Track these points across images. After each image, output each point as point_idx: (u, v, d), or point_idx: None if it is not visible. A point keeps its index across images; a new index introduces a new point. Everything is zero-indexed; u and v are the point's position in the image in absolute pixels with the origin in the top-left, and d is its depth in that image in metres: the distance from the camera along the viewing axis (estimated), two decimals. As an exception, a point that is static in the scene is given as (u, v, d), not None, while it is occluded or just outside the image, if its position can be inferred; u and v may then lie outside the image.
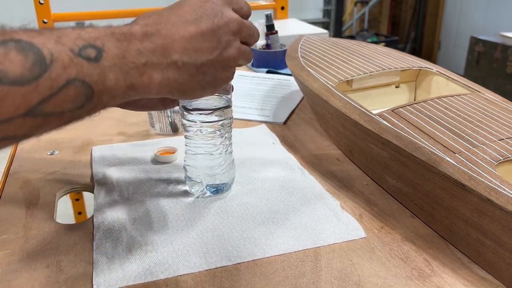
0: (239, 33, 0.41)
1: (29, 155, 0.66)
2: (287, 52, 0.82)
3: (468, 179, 0.41)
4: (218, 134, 0.51)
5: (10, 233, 0.48)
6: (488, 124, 0.50)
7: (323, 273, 0.42)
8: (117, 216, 0.50)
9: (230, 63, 0.41)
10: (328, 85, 0.64)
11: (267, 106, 0.84)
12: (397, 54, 0.78)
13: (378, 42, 3.63)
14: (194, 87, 0.40)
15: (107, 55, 0.34)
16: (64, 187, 0.57)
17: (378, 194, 0.55)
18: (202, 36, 0.39)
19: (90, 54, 0.33)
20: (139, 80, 0.36)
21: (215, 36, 0.39)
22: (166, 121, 0.72)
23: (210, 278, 0.42)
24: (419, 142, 0.48)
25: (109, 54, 0.34)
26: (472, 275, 0.42)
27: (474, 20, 3.66)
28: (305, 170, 0.60)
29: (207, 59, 0.39)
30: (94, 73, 0.33)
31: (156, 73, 0.37)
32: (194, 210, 0.52)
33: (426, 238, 0.47)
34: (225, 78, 0.42)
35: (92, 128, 0.75)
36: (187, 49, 0.38)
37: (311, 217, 0.50)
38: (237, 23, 0.41)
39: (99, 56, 0.33)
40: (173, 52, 0.37)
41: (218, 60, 0.40)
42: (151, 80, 0.37)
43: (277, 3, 1.52)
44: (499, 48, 2.50)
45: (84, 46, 0.33)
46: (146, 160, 0.63)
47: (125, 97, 0.37)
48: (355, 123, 0.55)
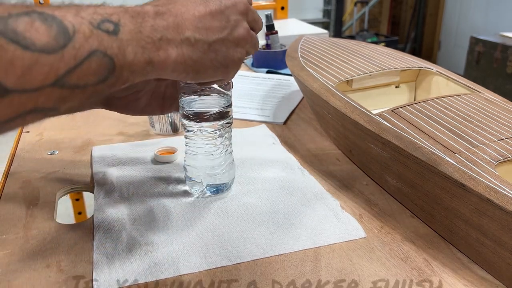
0: (246, 14, 0.43)
1: (29, 155, 0.66)
2: (287, 52, 0.82)
3: (468, 179, 0.41)
4: (218, 134, 0.51)
5: (10, 233, 0.48)
6: (488, 124, 0.50)
7: (323, 273, 0.42)
8: (117, 216, 0.50)
9: (240, 42, 0.42)
10: (328, 85, 0.64)
11: (267, 106, 0.84)
12: (397, 54, 0.78)
13: (378, 42, 3.63)
14: (208, 66, 0.41)
15: (124, 30, 0.35)
16: (64, 187, 0.57)
17: (378, 194, 0.55)
18: (211, 16, 0.40)
19: (109, 28, 0.34)
20: (156, 54, 0.37)
21: (224, 15, 0.41)
22: (166, 121, 0.72)
23: (210, 278, 0.42)
24: (419, 142, 0.48)
25: (126, 29, 0.35)
26: (472, 275, 0.42)
27: (474, 20, 3.66)
28: (305, 170, 0.60)
29: (218, 37, 0.40)
30: (114, 46, 0.34)
31: (172, 49, 0.38)
32: (194, 210, 0.52)
33: (426, 238, 0.47)
34: (236, 59, 0.43)
35: (92, 128, 0.75)
36: (198, 27, 0.39)
37: (311, 217, 0.50)
38: (244, 4, 0.42)
39: (117, 30, 0.34)
40: (185, 29, 0.39)
41: (228, 39, 0.41)
42: (167, 55, 0.38)
43: (277, 3, 1.52)
44: (499, 48, 2.50)
45: (102, 20, 0.34)
46: (146, 160, 0.63)
47: (143, 73, 0.37)
48: (355, 123, 0.55)
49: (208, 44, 0.40)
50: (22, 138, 0.72)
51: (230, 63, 0.43)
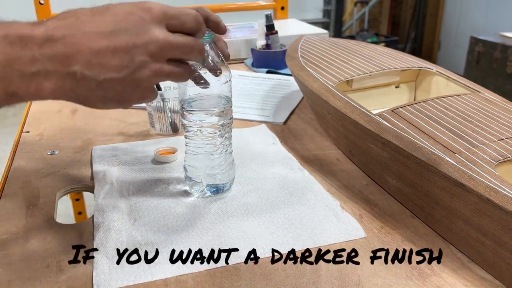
0: (159, 55, 0.38)
1: (29, 155, 0.66)
2: (287, 52, 0.82)
3: (468, 179, 0.41)
4: (218, 134, 0.51)
5: (10, 233, 0.48)
6: (488, 124, 0.50)
7: (323, 273, 0.42)
8: (117, 216, 0.50)
9: (142, 84, 0.38)
10: (328, 85, 0.64)
11: (267, 106, 0.84)
12: (397, 54, 0.78)
13: (378, 42, 3.63)
14: (94, 101, 0.38)
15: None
16: (64, 187, 0.57)
17: (378, 194, 0.55)
18: (112, 52, 0.36)
19: None
20: (24, 88, 0.35)
21: (129, 54, 0.37)
22: (166, 121, 0.72)
23: (210, 278, 0.42)
24: (419, 142, 0.48)
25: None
26: (472, 275, 0.42)
27: (474, 20, 3.66)
28: (305, 170, 0.60)
29: (112, 76, 0.37)
30: None
31: (49, 82, 0.35)
32: (194, 210, 0.52)
33: (426, 238, 0.47)
34: (136, 98, 0.39)
35: (92, 128, 0.75)
36: (91, 63, 0.36)
37: (311, 217, 0.50)
38: (158, 45, 0.37)
39: None
40: (75, 62, 0.35)
41: (126, 79, 0.37)
42: (40, 88, 0.35)
43: (277, 3, 1.52)
44: (499, 48, 2.50)
45: None
46: (146, 160, 0.63)
47: (8, 103, 0.36)
48: (355, 123, 0.55)
49: (97, 82, 0.36)
50: (22, 138, 0.72)
51: (127, 101, 0.39)
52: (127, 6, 0.38)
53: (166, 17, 0.38)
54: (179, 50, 0.39)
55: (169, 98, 0.70)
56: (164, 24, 0.38)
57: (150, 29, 0.37)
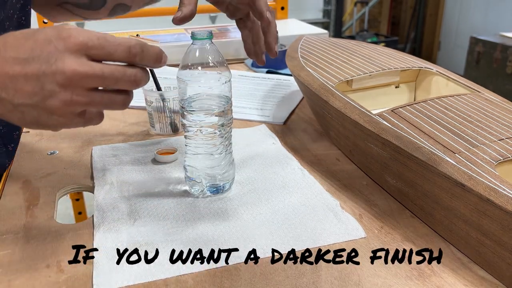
0: (70, 85, 0.38)
1: (29, 155, 0.66)
2: (287, 52, 0.82)
3: (468, 179, 0.41)
4: (218, 134, 0.51)
5: (10, 233, 0.48)
6: (488, 124, 0.50)
7: (323, 273, 0.42)
8: (117, 216, 0.50)
9: (55, 112, 0.39)
10: (328, 85, 0.64)
11: (267, 106, 0.84)
12: (397, 54, 0.78)
13: (378, 42, 3.63)
14: (16, 121, 0.40)
15: None
16: (64, 187, 0.57)
17: (378, 194, 0.55)
18: (25, 79, 0.37)
19: None
20: None
21: (39, 82, 0.37)
22: (166, 121, 0.72)
23: (210, 278, 0.42)
24: (419, 142, 0.48)
25: None
26: (472, 275, 0.42)
27: (474, 20, 3.66)
28: (305, 170, 0.60)
29: (25, 102, 0.38)
30: None
31: None
32: (194, 210, 0.52)
33: (426, 238, 0.47)
34: (53, 125, 0.40)
35: (92, 128, 0.75)
36: (7, 86, 0.37)
37: (311, 217, 0.50)
38: (66, 76, 0.37)
39: None
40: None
41: (39, 106, 0.38)
42: None
43: (277, 3, 1.52)
44: (499, 48, 2.50)
45: None
46: (146, 160, 0.63)
47: None
48: (355, 123, 0.55)
49: (13, 105, 0.38)
50: (22, 138, 0.72)
51: (46, 125, 0.40)
52: (49, 33, 0.38)
53: (86, 47, 0.38)
54: (98, 80, 0.39)
55: (169, 98, 0.70)
56: (83, 54, 0.38)
57: (60, 59, 0.37)
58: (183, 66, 0.49)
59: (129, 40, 0.40)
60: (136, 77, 0.40)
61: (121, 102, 0.42)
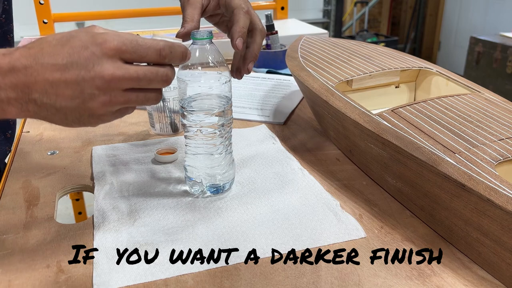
0: (108, 88, 0.40)
1: (29, 155, 0.66)
2: (287, 52, 0.82)
3: (468, 179, 0.41)
4: (218, 134, 0.51)
5: (10, 233, 0.48)
6: (488, 124, 0.50)
7: (323, 273, 0.42)
8: (117, 216, 0.50)
9: (95, 112, 0.41)
10: (328, 85, 0.64)
11: (267, 106, 0.84)
12: (397, 54, 0.78)
13: (378, 42, 3.63)
14: (59, 123, 0.42)
15: None
16: (64, 187, 0.57)
17: (378, 194, 0.55)
18: (65, 84, 0.39)
19: None
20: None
21: (79, 86, 0.39)
22: (166, 121, 0.72)
23: (210, 278, 0.42)
24: (419, 142, 0.48)
25: None
26: (472, 275, 0.42)
27: (474, 20, 3.66)
28: (305, 170, 0.60)
29: (67, 105, 0.40)
30: None
31: (12, 107, 0.39)
32: (194, 210, 0.52)
33: (426, 238, 0.47)
34: (94, 123, 0.43)
35: (92, 128, 0.75)
36: (47, 92, 0.39)
37: (311, 217, 0.50)
38: (104, 80, 0.40)
39: None
40: (34, 91, 0.39)
41: (80, 108, 0.40)
42: (6, 112, 0.39)
43: (277, 3, 1.52)
44: (498, 48, 2.50)
45: None
46: (146, 160, 0.63)
47: None
48: (355, 123, 0.55)
49: (56, 108, 0.40)
50: (22, 138, 0.72)
51: (87, 123, 0.43)
52: (84, 39, 0.40)
53: (120, 51, 0.40)
54: (134, 82, 0.41)
55: (169, 98, 0.70)
56: (118, 58, 0.40)
57: (98, 64, 0.40)
58: (183, 66, 0.49)
59: (158, 42, 0.42)
60: (167, 76, 0.43)
61: (154, 98, 0.44)
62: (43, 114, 0.40)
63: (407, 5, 4.19)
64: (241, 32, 0.52)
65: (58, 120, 0.42)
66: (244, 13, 0.54)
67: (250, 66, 0.55)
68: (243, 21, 0.53)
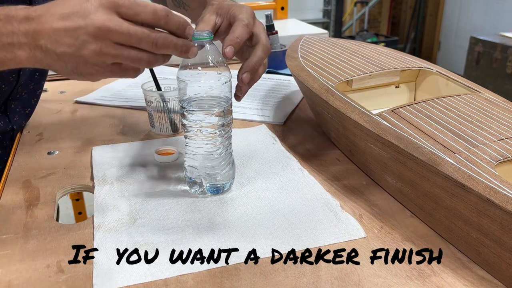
0: (99, 36, 0.43)
1: (29, 155, 0.66)
2: (287, 52, 0.82)
3: (468, 179, 0.41)
4: (218, 134, 0.51)
5: (10, 233, 0.48)
6: (488, 124, 0.50)
7: (323, 273, 0.42)
8: (117, 216, 0.50)
9: (89, 60, 0.44)
10: (328, 85, 0.64)
11: (267, 106, 0.84)
12: (397, 54, 0.79)
13: (378, 42, 3.63)
14: (60, 71, 0.46)
15: None
16: (64, 187, 0.57)
17: (378, 194, 0.55)
18: (64, 31, 0.43)
19: None
20: (2, 55, 0.44)
21: (75, 33, 0.43)
22: (166, 121, 0.72)
23: (210, 278, 0.42)
24: (419, 142, 0.48)
25: None
26: (472, 275, 0.42)
27: (474, 20, 3.66)
28: (305, 170, 0.60)
29: (65, 51, 0.44)
30: None
31: (23, 51, 0.44)
32: (194, 210, 0.52)
33: (426, 238, 0.47)
34: (89, 73, 0.46)
35: (92, 128, 0.75)
36: (51, 38, 0.44)
37: (311, 217, 0.50)
38: (95, 27, 0.43)
39: None
40: (41, 37, 0.44)
41: (75, 55, 0.44)
42: (15, 56, 0.44)
43: (277, 3, 1.52)
44: (498, 48, 2.50)
45: None
46: (146, 160, 0.63)
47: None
48: (355, 123, 0.55)
49: (56, 54, 0.44)
50: (22, 138, 0.72)
51: (83, 73, 0.46)
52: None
53: (117, 5, 0.44)
54: (124, 37, 0.44)
55: (169, 98, 0.70)
56: (114, 11, 0.44)
57: (94, 13, 0.43)
58: (183, 66, 0.49)
59: (156, 5, 0.45)
60: (158, 40, 0.45)
61: (146, 59, 0.46)
62: (47, 61, 0.45)
63: (407, 5, 4.19)
64: (233, 41, 0.51)
65: (60, 68, 0.46)
66: (243, 25, 0.53)
67: (244, 77, 0.54)
68: (239, 32, 0.52)
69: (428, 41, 4.14)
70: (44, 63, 0.45)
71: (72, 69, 0.46)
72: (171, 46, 0.46)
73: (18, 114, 0.76)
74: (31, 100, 0.79)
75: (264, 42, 0.55)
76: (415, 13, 4.01)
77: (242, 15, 0.54)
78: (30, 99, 0.79)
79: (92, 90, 0.93)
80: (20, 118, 0.76)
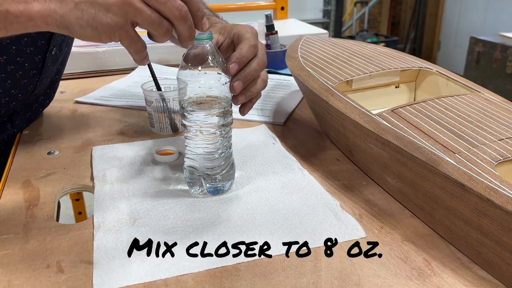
0: None
1: (29, 155, 0.66)
2: (287, 52, 0.82)
3: (468, 179, 0.41)
4: (218, 135, 0.51)
5: (10, 233, 0.48)
6: (488, 124, 0.50)
7: (323, 273, 0.42)
8: (117, 216, 0.50)
9: (111, 8, 0.43)
10: (328, 85, 0.64)
11: (267, 106, 0.84)
12: (397, 54, 0.79)
13: (378, 42, 3.63)
14: (74, 23, 0.44)
15: None
16: (64, 187, 0.57)
17: (378, 194, 0.55)
18: None
19: None
20: (15, 7, 0.42)
21: None
22: (166, 121, 0.72)
23: (210, 278, 0.42)
24: (419, 142, 0.48)
25: None
26: (472, 275, 0.42)
27: (474, 20, 3.66)
28: (305, 170, 0.60)
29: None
30: None
31: (37, 3, 0.43)
32: (194, 210, 0.52)
33: (426, 238, 0.47)
34: (105, 23, 0.44)
35: (92, 128, 0.75)
36: None
37: (311, 217, 0.50)
38: None
39: None
40: None
41: (97, 2, 0.43)
42: (28, 8, 0.43)
43: (277, 3, 1.52)
44: (498, 48, 2.50)
45: None
46: (146, 160, 0.63)
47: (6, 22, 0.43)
48: (355, 123, 0.55)
49: (75, 3, 0.43)
50: (22, 138, 0.72)
51: (99, 25, 0.44)
52: None
53: None
54: None
55: (169, 98, 0.70)
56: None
57: None
58: (183, 66, 0.49)
59: None
60: (182, 8, 0.45)
61: (165, 27, 0.45)
62: (61, 11, 0.43)
63: (407, 5, 4.19)
64: (239, 60, 0.51)
65: (74, 18, 0.43)
66: (250, 46, 0.53)
67: (236, 85, 0.52)
68: (246, 51, 0.52)
69: (428, 41, 4.14)
70: (57, 15, 0.43)
71: (88, 20, 0.43)
72: (189, 21, 0.46)
73: (20, 118, 0.76)
74: (38, 109, 0.79)
75: (261, 57, 0.55)
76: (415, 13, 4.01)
77: (248, 34, 0.54)
78: (38, 108, 0.79)
79: (92, 90, 0.93)
80: (21, 122, 0.76)
